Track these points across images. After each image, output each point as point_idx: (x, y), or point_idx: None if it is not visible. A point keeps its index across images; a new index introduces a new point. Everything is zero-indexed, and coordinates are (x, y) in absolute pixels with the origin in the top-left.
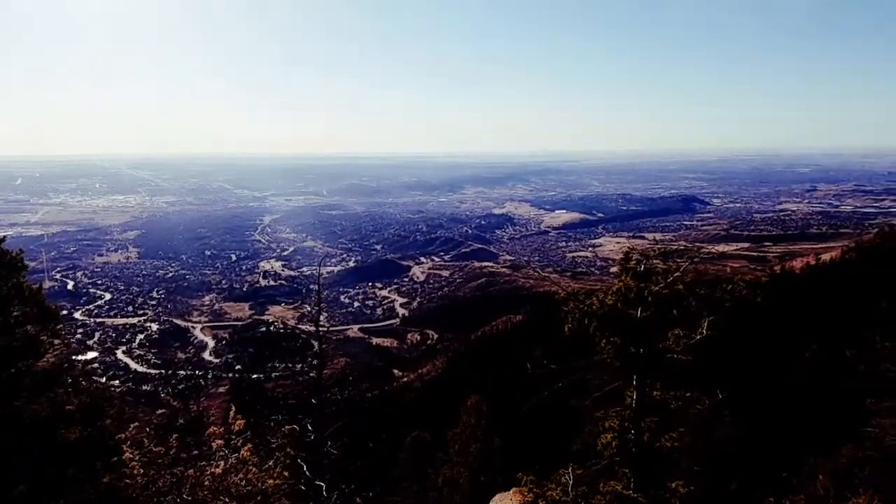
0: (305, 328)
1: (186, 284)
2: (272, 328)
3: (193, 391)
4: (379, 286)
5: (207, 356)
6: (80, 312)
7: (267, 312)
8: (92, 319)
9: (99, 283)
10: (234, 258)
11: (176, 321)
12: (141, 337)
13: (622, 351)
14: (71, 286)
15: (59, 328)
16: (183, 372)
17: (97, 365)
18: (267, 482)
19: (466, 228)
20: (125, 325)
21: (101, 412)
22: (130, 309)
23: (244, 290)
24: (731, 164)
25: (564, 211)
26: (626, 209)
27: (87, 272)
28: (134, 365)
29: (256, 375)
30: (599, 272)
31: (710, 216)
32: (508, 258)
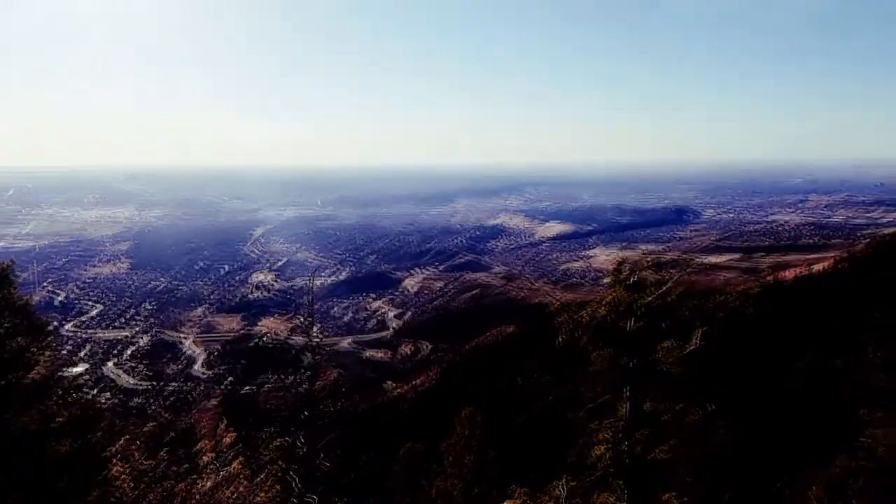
0: (298, 340)
1: (178, 296)
2: (264, 340)
3: (184, 404)
4: (372, 297)
5: (198, 368)
6: (70, 325)
7: (259, 324)
8: (82, 332)
9: (89, 295)
10: (225, 270)
11: (167, 333)
12: (131, 349)
13: (614, 362)
14: (61, 298)
15: (48, 340)
16: (173, 384)
17: (87, 377)
18: (258, 496)
19: (459, 239)
20: (115, 337)
21: (91, 425)
22: (121, 321)
23: (236, 302)
24: (723, 174)
25: (557, 222)
26: (618, 220)
27: (77, 284)
28: (124, 377)
29: (248, 388)
30: (592, 283)
31: (702, 227)
32: (501, 269)
